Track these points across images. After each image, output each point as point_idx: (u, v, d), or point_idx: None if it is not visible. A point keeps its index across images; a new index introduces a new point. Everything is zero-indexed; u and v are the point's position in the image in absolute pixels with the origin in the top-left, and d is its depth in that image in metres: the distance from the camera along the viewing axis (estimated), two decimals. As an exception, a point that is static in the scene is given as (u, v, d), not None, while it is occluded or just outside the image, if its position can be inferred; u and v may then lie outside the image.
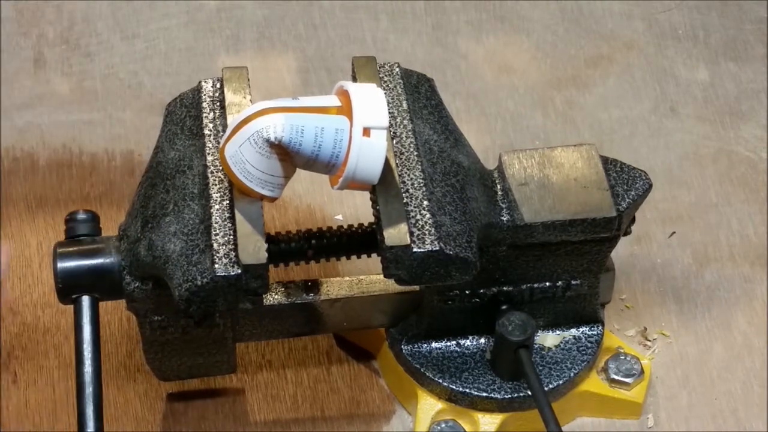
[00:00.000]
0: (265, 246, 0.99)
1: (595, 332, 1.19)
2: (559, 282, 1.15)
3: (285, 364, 1.23)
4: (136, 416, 1.20)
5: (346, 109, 0.97)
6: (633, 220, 1.15)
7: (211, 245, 0.99)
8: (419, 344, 1.17)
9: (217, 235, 1.00)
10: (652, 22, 1.54)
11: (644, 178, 1.13)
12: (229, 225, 1.00)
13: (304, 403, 1.21)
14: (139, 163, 1.39)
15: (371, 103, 0.96)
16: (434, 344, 1.17)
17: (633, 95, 1.46)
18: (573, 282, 1.15)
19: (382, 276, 1.03)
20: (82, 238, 1.10)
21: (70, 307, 1.08)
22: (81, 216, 1.11)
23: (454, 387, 1.15)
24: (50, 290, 1.27)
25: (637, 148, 1.41)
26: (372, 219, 1.06)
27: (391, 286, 1.03)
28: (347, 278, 1.16)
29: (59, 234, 1.31)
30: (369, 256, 1.12)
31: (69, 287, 1.07)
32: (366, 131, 0.96)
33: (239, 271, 0.98)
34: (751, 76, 1.48)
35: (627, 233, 1.16)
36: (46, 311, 1.26)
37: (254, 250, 0.99)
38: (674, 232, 1.34)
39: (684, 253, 1.32)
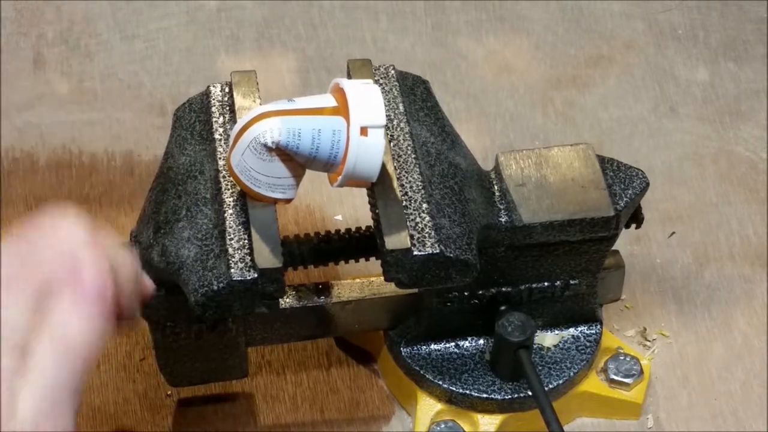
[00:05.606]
0: (281, 249, 0.99)
1: (593, 331, 1.19)
2: (558, 282, 1.15)
3: (284, 365, 1.23)
4: (135, 416, 1.19)
5: (342, 108, 0.96)
6: (640, 211, 1.15)
7: (226, 250, 0.99)
8: (418, 346, 1.17)
9: (231, 239, 1.00)
10: (652, 22, 1.54)
11: (641, 176, 1.13)
12: (243, 229, 1.00)
13: (304, 403, 1.21)
14: (138, 163, 1.39)
15: (367, 101, 0.96)
16: (433, 346, 1.17)
17: (633, 95, 1.46)
18: (571, 282, 1.15)
19: None
20: None
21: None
22: None
23: (453, 389, 1.15)
24: (50, 291, 1.27)
25: (637, 148, 1.41)
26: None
27: (402, 287, 1.03)
28: (357, 280, 1.16)
29: (59, 234, 1.31)
30: (367, 259, 1.12)
31: None
32: (363, 130, 0.96)
33: (255, 275, 0.98)
34: (751, 76, 1.48)
35: (639, 223, 1.16)
36: (45, 312, 1.26)
37: (270, 254, 0.98)
38: (674, 232, 1.34)
39: (684, 253, 1.32)
